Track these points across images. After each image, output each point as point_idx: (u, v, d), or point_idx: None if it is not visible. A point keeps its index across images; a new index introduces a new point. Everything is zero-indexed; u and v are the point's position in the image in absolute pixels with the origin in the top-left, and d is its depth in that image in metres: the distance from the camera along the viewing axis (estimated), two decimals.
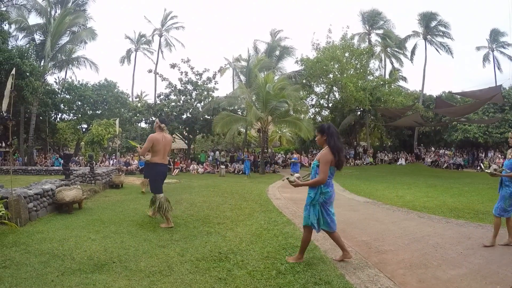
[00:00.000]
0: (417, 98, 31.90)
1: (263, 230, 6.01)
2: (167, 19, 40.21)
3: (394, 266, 4.15)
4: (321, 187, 4.11)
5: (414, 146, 31.09)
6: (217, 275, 3.94)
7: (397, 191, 11.49)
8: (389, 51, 34.44)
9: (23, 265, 4.27)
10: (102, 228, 6.07)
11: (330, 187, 4.19)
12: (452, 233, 5.68)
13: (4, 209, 5.89)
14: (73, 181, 9.83)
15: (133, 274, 3.99)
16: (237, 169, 22.40)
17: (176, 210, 7.86)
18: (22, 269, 4.15)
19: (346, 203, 9.28)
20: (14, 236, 5.53)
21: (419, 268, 4.10)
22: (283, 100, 20.65)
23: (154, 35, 41.19)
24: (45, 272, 4.04)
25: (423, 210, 7.82)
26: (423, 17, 31.76)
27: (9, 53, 17.48)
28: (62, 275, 3.96)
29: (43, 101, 24.77)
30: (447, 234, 5.61)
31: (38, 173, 16.87)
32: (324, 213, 4.17)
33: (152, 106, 27.07)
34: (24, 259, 4.50)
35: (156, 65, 39.90)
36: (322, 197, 4.13)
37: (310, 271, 4.02)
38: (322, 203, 4.15)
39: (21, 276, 3.93)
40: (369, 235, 5.56)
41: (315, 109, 31.18)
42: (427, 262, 4.28)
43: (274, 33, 35.62)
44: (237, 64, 31.97)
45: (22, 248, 4.96)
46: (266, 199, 9.82)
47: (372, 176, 17.94)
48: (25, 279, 3.84)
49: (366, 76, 28.67)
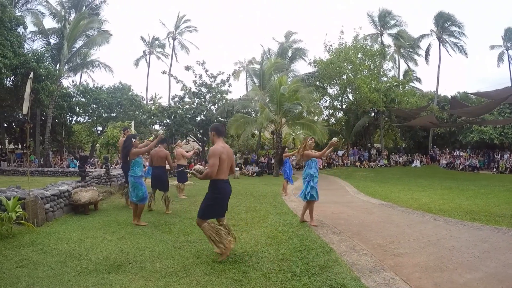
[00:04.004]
0: (432, 99, 31.47)
1: (278, 232, 6.02)
2: (180, 22, 40.53)
3: (410, 269, 4.12)
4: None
5: (429, 147, 30.68)
6: (233, 277, 3.96)
7: (412, 193, 11.36)
8: (403, 51, 34.05)
9: (40, 265, 4.35)
10: (118, 229, 6.14)
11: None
12: (468, 236, 5.60)
13: (21, 209, 5.99)
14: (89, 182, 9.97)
15: (149, 275, 4.03)
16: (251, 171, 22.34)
17: (191, 212, 7.92)
18: (39, 268, 4.23)
19: (361, 206, 9.22)
20: (31, 236, 5.63)
21: (435, 271, 4.06)
22: (297, 102, 20.60)
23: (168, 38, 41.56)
24: (61, 272, 4.11)
25: (438, 213, 7.72)
26: (438, 18, 31.39)
27: (25, 57, 17.81)
28: (79, 275, 4.03)
29: (58, 104, 25.17)
30: (463, 237, 5.54)
31: (54, 175, 17.12)
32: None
33: (167, 108, 27.26)
34: (41, 258, 4.58)
35: (170, 68, 40.22)
36: None
37: (326, 273, 4.02)
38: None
39: (38, 275, 4.01)
40: (385, 238, 5.51)
41: (329, 111, 31.06)
42: (443, 265, 4.24)
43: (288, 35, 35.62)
44: (250, 67, 32.01)
45: (39, 248, 5.05)
46: (281, 201, 9.80)
47: (386, 178, 17.77)
48: (42, 279, 3.91)
49: (380, 77, 28.40)
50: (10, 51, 16.51)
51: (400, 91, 28.18)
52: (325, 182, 16.00)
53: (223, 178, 4.47)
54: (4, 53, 15.99)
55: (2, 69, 15.75)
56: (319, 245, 5.10)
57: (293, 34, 35.66)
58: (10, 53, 16.47)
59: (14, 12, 18.30)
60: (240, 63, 34.09)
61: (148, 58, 42.88)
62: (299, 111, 21.94)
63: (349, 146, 29.88)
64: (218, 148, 4.38)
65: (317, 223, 6.54)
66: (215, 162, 4.28)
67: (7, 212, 5.68)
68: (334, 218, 7.18)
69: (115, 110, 28.91)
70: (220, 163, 4.32)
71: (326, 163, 26.08)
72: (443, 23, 31.34)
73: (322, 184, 14.62)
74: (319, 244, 5.18)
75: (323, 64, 26.88)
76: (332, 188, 13.90)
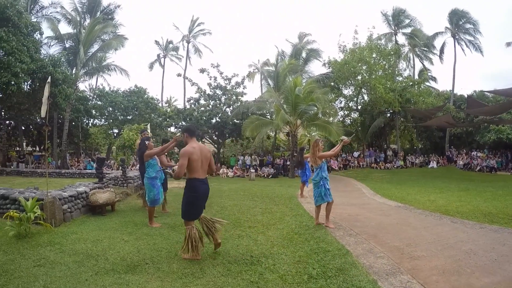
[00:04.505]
0: (448, 98, 31.02)
1: (294, 234, 6.01)
2: (194, 26, 40.84)
3: (427, 273, 4.07)
4: None
5: (446, 148, 30.17)
6: (249, 279, 3.97)
7: (429, 195, 11.20)
8: (417, 50, 33.57)
9: (57, 264, 4.43)
10: (134, 230, 6.21)
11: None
12: (486, 239, 5.52)
13: (39, 210, 6.10)
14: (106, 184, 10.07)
15: (166, 276, 4.07)
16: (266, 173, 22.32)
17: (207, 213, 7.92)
18: (57, 268, 4.31)
19: (378, 208, 9.14)
20: (49, 236, 5.74)
21: (452, 275, 4.01)
22: (312, 103, 20.51)
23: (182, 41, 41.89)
24: (79, 272, 4.18)
25: (456, 215, 7.61)
26: (453, 15, 30.88)
27: (42, 62, 18.13)
28: (96, 275, 4.09)
29: (75, 107, 25.61)
30: (480, 240, 5.46)
31: (72, 176, 17.39)
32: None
33: (182, 111, 27.43)
34: (59, 258, 4.67)
35: (185, 71, 40.47)
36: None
37: (342, 276, 4.00)
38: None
39: (55, 274, 4.08)
40: (402, 241, 5.46)
41: (344, 112, 30.84)
42: (461, 269, 4.18)
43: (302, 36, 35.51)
44: (265, 68, 31.98)
45: (57, 248, 5.14)
46: (297, 203, 9.77)
47: (403, 180, 17.58)
48: (59, 278, 3.99)
49: (395, 77, 28.07)
50: (27, 56, 16.82)
51: (415, 90, 27.77)
52: (341, 184, 15.92)
53: (198, 177, 4.62)
54: (21, 58, 16.31)
55: (20, 74, 16.08)
56: (335, 247, 5.08)
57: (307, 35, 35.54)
58: (27, 58, 16.78)
59: (30, 19, 18.66)
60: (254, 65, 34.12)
61: (163, 61, 43.27)
62: (314, 112, 21.80)
63: (365, 147, 29.63)
64: (188, 149, 4.57)
65: (334, 225, 6.50)
66: (183, 162, 4.47)
67: (25, 213, 5.79)
68: (350, 220, 7.14)
69: (131, 113, 29.22)
70: (191, 162, 4.52)
71: (342, 164, 25.90)
72: (457, 20, 30.87)
73: (338, 185, 14.62)
74: (336, 246, 5.17)
75: (337, 64, 26.70)
76: (348, 190, 13.79)
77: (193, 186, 4.62)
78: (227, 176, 22.15)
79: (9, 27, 16.03)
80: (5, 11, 15.60)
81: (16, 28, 16.48)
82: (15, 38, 16.14)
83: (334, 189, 7.42)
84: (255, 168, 23.34)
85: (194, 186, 4.62)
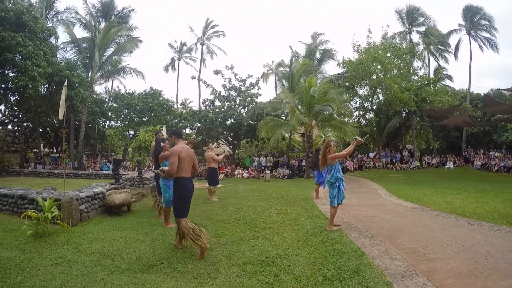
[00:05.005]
0: (464, 97, 30.50)
1: (309, 235, 6.01)
2: (208, 28, 41.11)
3: (443, 275, 4.03)
4: None
5: (463, 148, 29.63)
6: (264, 279, 3.99)
7: (445, 196, 11.01)
8: (432, 48, 33.03)
9: (74, 263, 4.52)
10: (150, 230, 6.28)
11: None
12: (504, 242, 5.42)
13: (57, 210, 6.23)
14: (122, 185, 10.22)
15: (181, 276, 4.12)
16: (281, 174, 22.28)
17: (223, 214, 8.00)
18: (73, 266, 4.40)
19: (394, 209, 9.06)
20: (66, 235, 5.86)
21: (468, 278, 3.95)
22: (327, 104, 20.41)
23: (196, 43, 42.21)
24: (95, 271, 4.26)
25: (473, 216, 7.47)
26: (467, 11, 30.28)
27: (58, 66, 18.44)
28: (112, 274, 4.16)
29: (91, 109, 25.97)
30: (498, 243, 5.36)
31: (88, 177, 17.64)
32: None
33: (197, 112, 27.57)
34: (76, 257, 4.76)
35: (199, 73, 40.78)
36: None
37: (357, 278, 3.99)
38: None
39: (72, 273, 4.17)
40: (417, 243, 5.41)
41: (359, 112, 30.55)
42: (477, 271, 4.12)
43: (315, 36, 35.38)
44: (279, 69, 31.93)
45: (74, 247, 5.24)
46: (312, 204, 9.75)
47: (419, 181, 17.33)
48: (76, 276, 4.07)
49: (410, 76, 27.67)
50: (44, 60, 17.13)
51: (431, 89, 27.31)
52: (357, 185, 15.81)
53: (185, 176, 4.93)
54: (38, 62, 16.61)
55: (37, 77, 16.37)
56: (350, 249, 5.07)
57: (320, 35, 35.41)
58: (44, 62, 17.09)
59: (46, 24, 19.00)
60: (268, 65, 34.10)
61: (177, 64, 43.64)
62: (329, 113, 21.71)
63: (381, 148, 29.29)
64: (178, 148, 4.93)
65: (349, 227, 6.48)
66: (175, 160, 4.78)
67: (43, 212, 5.93)
68: (366, 222, 7.11)
69: (147, 114, 29.48)
70: (180, 161, 4.82)
71: (358, 165, 25.68)
72: (472, 17, 30.19)
73: (353, 186, 14.53)
74: (351, 248, 5.15)
75: (352, 64, 26.40)
76: (364, 191, 13.67)
77: (181, 183, 4.92)
78: (242, 177, 22.23)
79: (25, 32, 16.33)
80: (22, 17, 15.91)
81: (33, 33, 16.79)
82: (31, 42, 16.45)
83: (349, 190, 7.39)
84: (270, 169, 23.31)
85: (182, 183, 4.88)
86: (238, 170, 23.30)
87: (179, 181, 4.91)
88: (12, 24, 15.91)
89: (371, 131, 29.23)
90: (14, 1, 16.85)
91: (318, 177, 11.03)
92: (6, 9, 15.54)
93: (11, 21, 15.77)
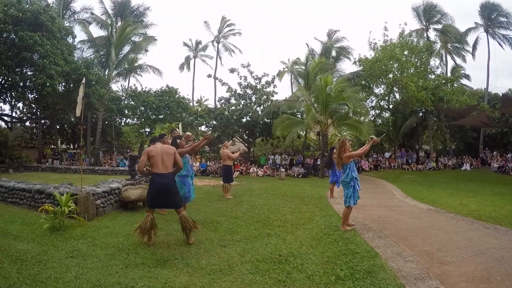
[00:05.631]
0: (482, 97, 29.85)
1: (323, 234, 6.01)
2: (224, 26, 41.26)
3: (456, 279, 3.97)
4: None
5: (480, 149, 29.04)
6: (277, 277, 4.01)
7: (461, 198, 10.84)
8: (450, 46, 32.41)
9: (89, 256, 4.61)
10: (165, 226, 6.35)
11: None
12: None
13: (73, 204, 6.35)
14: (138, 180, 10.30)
15: (194, 271, 4.16)
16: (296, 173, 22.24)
17: (237, 211, 8.05)
18: (88, 260, 4.48)
19: (408, 210, 8.98)
20: (82, 229, 5.97)
21: (482, 282, 3.89)
22: (343, 102, 20.29)
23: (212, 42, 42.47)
24: (110, 264, 4.33)
25: (488, 220, 7.33)
26: (484, 8, 29.56)
27: (76, 64, 18.84)
28: (126, 268, 4.23)
29: (108, 107, 26.40)
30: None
31: (105, 173, 17.90)
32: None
33: (213, 110, 27.71)
34: (91, 250, 4.85)
35: (215, 71, 40.99)
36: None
37: (370, 278, 3.98)
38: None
39: (87, 266, 4.25)
40: (432, 245, 5.34)
41: (375, 111, 30.22)
42: (491, 276, 4.05)
43: (330, 33, 35.18)
44: (295, 67, 31.85)
45: (89, 240, 5.35)
46: (327, 203, 9.72)
47: (435, 182, 17.12)
48: (90, 269, 4.15)
49: (427, 74, 27.22)
50: (61, 59, 17.48)
51: (448, 89, 26.80)
52: (372, 185, 15.70)
53: (157, 172, 5.23)
54: (56, 61, 16.95)
55: (55, 76, 16.70)
56: (364, 249, 5.05)
57: (336, 32, 35.21)
58: (62, 61, 17.44)
59: (62, 23, 19.39)
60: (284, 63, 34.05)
61: (193, 62, 43.94)
62: (345, 112, 21.56)
63: (396, 148, 28.96)
64: (149, 148, 5.47)
65: (363, 227, 6.47)
66: (143, 158, 5.32)
67: (60, 207, 6.04)
68: (380, 222, 7.07)
69: (163, 112, 29.71)
70: (149, 158, 5.27)
71: (373, 165, 25.46)
72: (489, 14, 29.43)
73: (368, 187, 14.42)
74: (365, 248, 5.13)
75: (368, 62, 26.12)
76: (379, 192, 13.56)
77: (151, 179, 5.31)
78: (257, 175, 22.26)
79: (43, 32, 16.67)
80: (39, 17, 16.24)
81: (50, 33, 17.13)
82: (49, 42, 16.78)
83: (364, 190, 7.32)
84: (285, 167, 23.29)
85: (152, 179, 5.29)
86: (253, 168, 23.33)
87: (151, 177, 5.32)
88: (30, 24, 16.25)
89: (387, 131, 28.90)
90: (31, 2, 17.25)
91: (333, 176, 11.00)
92: (23, 9, 15.91)
93: (28, 21, 16.11)
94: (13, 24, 15.66)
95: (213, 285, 3.78)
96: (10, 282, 3.72)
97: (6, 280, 3.77)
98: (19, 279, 3.81)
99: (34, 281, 3.77)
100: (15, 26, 15.74)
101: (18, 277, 3.86)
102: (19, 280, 3.78)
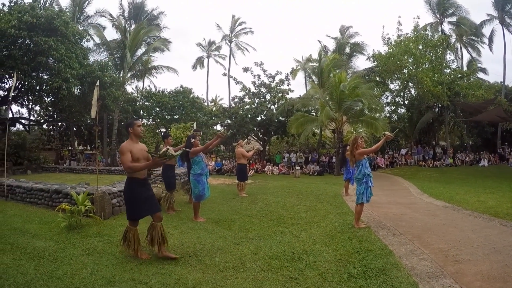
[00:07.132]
0: (499, 90, 29.06)
1: (337, 232, 5.99)
2: (235, 25, 41.36)
3: (471, 278, 3.91)
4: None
5: (498, 145, 28.36)
6: (289, 275, 4.01)
7: (478, 195, 10.65)
8: (465, 40, 31.70)
9: (104, 254, 4.70)
10: (179, 224, 6.43)
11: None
12: None
13: (90, 203, 6.49)
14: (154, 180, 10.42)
15: (207, 268, 4.20)
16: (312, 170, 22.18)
17: (251, 209, 8.09)
18: (104, 257, 4.57)
19: (424, 208, 8.88)
20: (98, 228, 6.09)
21: (497, 281, 3.81)
22: (358, 99, 20.15)
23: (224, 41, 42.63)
24: (124, 261, 4.41)
25: (506, 217, 7.18)
26: (498, 0, 28.75)
27: (90, 67, 19.14)
28: (141, 265, 4.30)
29: (124, 108, 26.69)
30: None
31: (121, 173, 18.04)
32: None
33: (227, 109, 27.81)
34: (106, 248, 4.95)
35: (229, 70, 41.09)
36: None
37: (383, 276, 3.96)
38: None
39: (102, 263, 4.35)
40: (447, 243, 5.28)
41: (391, 107, 29.81)
42: (507, 275, 3.96)
43: (343, 30, 34.90)
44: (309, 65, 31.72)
45: (105, 238, 5.45)
46: (341, 201, 9.69)
47: (452, 179, 16.84)
48: (106, 266, 4.24)
49: (443, 69, 26.68)
50: (76, 63, 17.74)
51: (464, 83, 26.26)
52: (388, 182, 15.58)
53: (139, 177, 4.90)
54: (71, 65, 17.21)
55: (70, 79, 16.96)
56: (378, 247, 5.02)
57: (348, 28, 34.90)
58: (76, 64, 17.71)
59: (76, 28, 19.70)
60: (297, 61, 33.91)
61: (207, 61, 44.18)
62: (360, 108, 21.45)
63: (413, 144, 28.53)
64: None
65: (378, 224, 6.44)
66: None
67: (76, 206, 6.19)
68: (395, 220, 7.02)
69: (178, 112, 29.86)
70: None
71: (389, 162, 25.19)
72: (503, 5, 28.61)
73: (384, 184, 14.33)
74: (378, 246, 5.11)
75: (382, 58, 25.67)
76: (395, 189, 13.42)
77: (132, 186, 4.81)
78: (272, 173, 22.27)
79: (57, 36, 16.92)
80: (53, 22, 16.48)
81: (64, 37, 17.38)
82: (63, 46, 17.02)
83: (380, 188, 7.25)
84: (301, 165, 23.23)
85: (133, 186, 4.82)
86: (268, 166, 23.35)
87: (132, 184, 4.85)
88: (44, 29, 16.49)
89: (403, 127, 28.53)
90: (45, 8, 17.56)
91: (346, 174, 10.96)
92: (37, 15, 16.17)
93: (42, 27, 16.36)
94: (28, 30, 15.91)
95: (226, 282, 3.81)
96: (28, 278, 3.83)
97: (24, 276, 3.88)
98: (37, 275, 3.91)
99: (51, 277, 3.88)
100: (30, 31, 15.99)
101: (36, 273, 3.97)
102: (37, 276, 3.89)
